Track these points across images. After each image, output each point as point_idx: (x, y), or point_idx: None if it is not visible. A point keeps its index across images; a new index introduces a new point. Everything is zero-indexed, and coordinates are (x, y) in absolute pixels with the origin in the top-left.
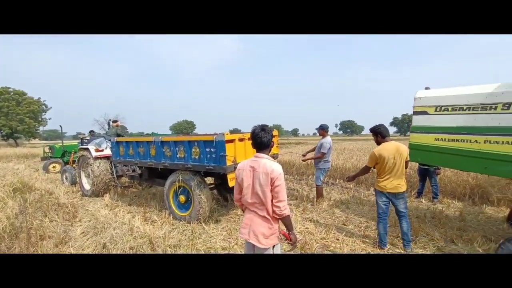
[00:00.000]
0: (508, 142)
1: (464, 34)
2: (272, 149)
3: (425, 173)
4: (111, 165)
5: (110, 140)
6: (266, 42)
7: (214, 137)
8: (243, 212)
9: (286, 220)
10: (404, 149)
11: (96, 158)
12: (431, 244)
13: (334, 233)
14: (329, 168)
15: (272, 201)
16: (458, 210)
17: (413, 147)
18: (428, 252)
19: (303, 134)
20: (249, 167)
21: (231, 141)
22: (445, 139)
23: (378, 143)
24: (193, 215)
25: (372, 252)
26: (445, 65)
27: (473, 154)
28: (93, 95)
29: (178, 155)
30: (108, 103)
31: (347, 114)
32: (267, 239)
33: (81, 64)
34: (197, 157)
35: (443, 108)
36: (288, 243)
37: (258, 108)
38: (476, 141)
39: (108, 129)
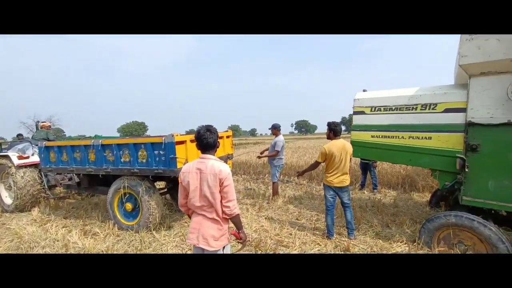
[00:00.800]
0: (425, 138)
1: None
2: (226, 149)
3: (366, 167)
4: (40, 174)
5: (37, 145)
6: (222, 42)
7: (163, 138)
8: (190, 218)
9: (236, 219)
10: (350, 147)
11: (20, 166)
12: (370, 230)
13: (287, 229)
14: (283, 165)
15: (221, 201)
16: (392, 198)
17: (353, 144)
18: (368, 237)
19: (261, 134)
20: (196, 169)
21: (182, 142)
22: (379, 136)
23: (329, 139)
24: (142, 223)
25: (320, 243)
26: (386, 67)
27: (401, 149)
28: (20, 93)
29: (122, 159)
30: (43, 102)
31: (302, 114)
32: (217, 241)
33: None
34: (144, 160)
35: (377, 108)
36: (238, 242)
37: (216, 109)
38: (402, 137)
39: (36, 132)
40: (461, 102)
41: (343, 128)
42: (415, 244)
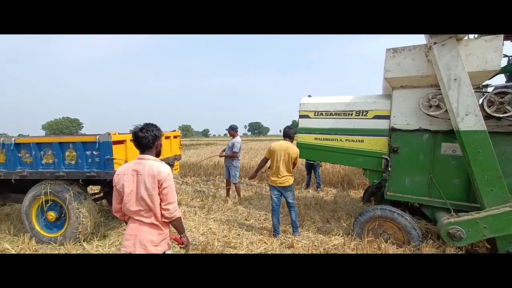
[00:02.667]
0: (358, 141)
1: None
2: (174, 150)
3: (311, 168)
4: None
5: None
6: (171, 36)
7: (97, 137)
8: (126, 224)
9: (177, 223)
10: (293, 150)
11: None
12: (313, 226)
13: (236, 230)
14: (239, 166)
15: (160, 204)
16: (333, 196)
17: (300, 146)
18: (311, 233)
19: (214, 135)
20: (132, 171)
21: (121, 142)
22: (321, 139)
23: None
24: (68, 234)
25: (267, 242)
26: (327, 75)
27: (339, 150)
28: None
29: (44, 161)
30: None
31: (255, 116)
32: (156, 247)
33: None
34: (73, 162)
35: (319, 113)
36: (181, 247)
37: (166, 108)
38: (340, 140)
39: None
40: (386, 110)
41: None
42: (349, 236)
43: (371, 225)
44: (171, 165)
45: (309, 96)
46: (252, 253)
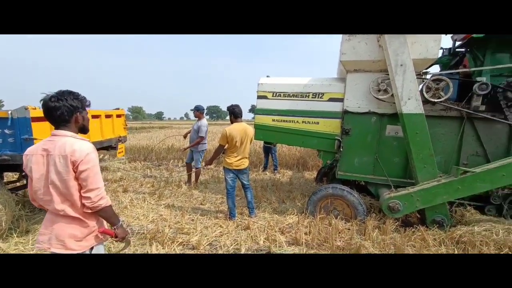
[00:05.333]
0: (314, 122)
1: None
2: (117, 130)
3: (268, 150)
4: None
5: None
6: None
7: (9, 112)
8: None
9: (104, 213)
10: (251, 131)
11: None
12: (269, 207)
13: (189, 215)
14: (206, 149)
15: (80, 192)
16: (289, 177)
17: (257, 127)
18: (267, 214)
19: (169, 118)
20: (41, 151)
21: (43, 119)
22: (279, 120)
23: (231, 122)
24: None
25: (222, 225)
26: (294, 63)
27: (296, 132)
28: None
29: None
30: None
31: (214, 99)
32: (80, 242)
33: None
34: None
35: (277, 94)
36: (116, 240)
37: (115, 86)
38: (297, 121)
39: None
40: (340, 93)
41: (252, 115)
42: (303, 214)
43: (323, 203)
44: (114, 148)
45: (267, 76)
46: (238, 253)
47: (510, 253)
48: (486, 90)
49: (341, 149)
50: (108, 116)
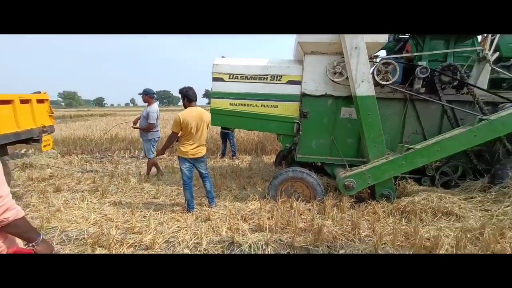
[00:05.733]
0: (273, 106)
1: None
2: (39, 119)
3: (226, 136)
4: None
5: None
6: None
7: None
8: None
9: (15, 229)
10: (207, 116)
11: None
12: (230, 194)
13: (141, 212)
14: (159, 137)
15: None
16: (248, 163)
17: (213, 112)
18: (227, 202)
19: (112, 105)
20: None
21: None
22: (236, 104)
23: (185, 107)
24: None
25: (180, 219)
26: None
27: (255, 116)
28: None
29: None
30: None
31: (165, 84)
32: None
33: None
34: None
35: (234, 76)
36: None
37: (44, 69)
38: (256, 105)
39: None
40: (298, 75)
41: (207, 100)
42: (265, 200)
43: (284, 186)
44: (37, 140)
45: (223, 57)
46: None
47: (447, 218)
48: (426, 74)
49: (300, 132)
50: (24, 102)
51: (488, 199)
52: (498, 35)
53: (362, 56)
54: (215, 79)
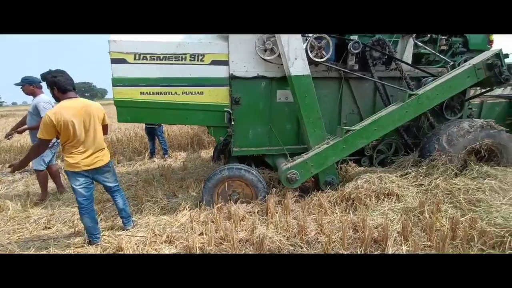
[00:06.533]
0: (198, 92)
1: None
2: None
3: (152, 132)
4: None
5: None
6: None
7: None
8: None
9: None
10: (97, 109)
11: None
12: (155, 206)
13: (19, 250)
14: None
15: None
16: (183, 160)
17: (119, 105)
18: (152, 217)
19: (14, 103)
20: None
21: None
22: (150, 93)
23: (58, 100)
24: None
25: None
26: None
27: (176, 106)
28: None
29: None
30: None
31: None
32: None
33: None
34: None
35: (142, 56)
36: None
37: None
38: (176, 92)
39: None
40: (224, 54)
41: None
42: (199, 208)
43: (220, 188)
44: None
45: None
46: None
47: (389, 200)
48: (358, 49)
49: (233, 122)
50: None
51: (420, 173)
52: None
53: None
54: (115, 61)
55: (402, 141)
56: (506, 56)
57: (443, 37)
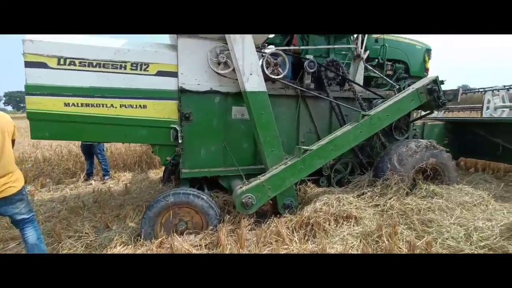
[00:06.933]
0: (140, 106)
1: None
2: None
3: (90, 150)
4: None
5: None
6: None
7: None
8: None
9: None
10: (7, 122)
11: None
12: (79, 242)
13: None
14: None
15: None
16: (127, 182)
17: (34, 117)
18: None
19: None
20: None
21: None
22: (78, 104)
23: None
24: None
25: None
26: None
27: (112, 121)
28: None
29: None
30: None
31: (18, 83)
32: None
33: None
34: None
35: (68, 61)
36: None
37: None
38: (112, 105)
39: None
40: (172, 65)
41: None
42: (137, 242)
43: (164, 217)
44: None
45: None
46: None
47: (348, 223)
48: (314, 68)
49: (180, 140)
50: None
51: (376, 193)
52: (366, 36)
53: (248, 43)
54: (31, 64)
55: (358, 161)
56: (442, 82)
57: (388, 62)
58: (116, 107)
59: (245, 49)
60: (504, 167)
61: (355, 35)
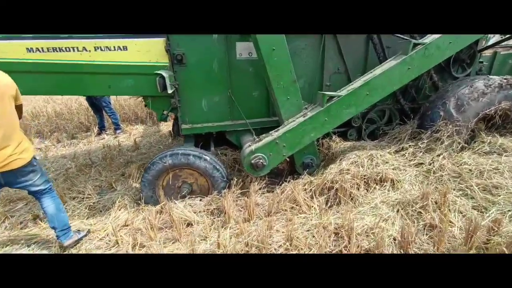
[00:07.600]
0: (119, 47)
1: None
2: None
3: (95, 103)
4: None
5: None
6: None
7: None
8: None
9: None
10: (7, 84)
11: None
12: (82, 205)
13: None
14: None
15: None
16: (138, 136)
17: None
18: (75, 222)
19: None
20: None
21: None
22: (42, 49)
23: None
24: None
25: None
26: None
27: (88, 69)
28: None
29: None
30: None
31: None
32: None
33: None
34: None
35: None
36: None
37: None
38: (85, 48)
39: None
40: None
41: None
42: (139, 206)
43: (164, 180)
44: None
45: None
46: None
47: (382, 187)
48: None
49: (172, 90)
50: None
51: (420, 148)
52: None
53: None
54: None
55: (398, 107)
56: None
57: None
58: (90, 52)
59: None
60: None
61: None
